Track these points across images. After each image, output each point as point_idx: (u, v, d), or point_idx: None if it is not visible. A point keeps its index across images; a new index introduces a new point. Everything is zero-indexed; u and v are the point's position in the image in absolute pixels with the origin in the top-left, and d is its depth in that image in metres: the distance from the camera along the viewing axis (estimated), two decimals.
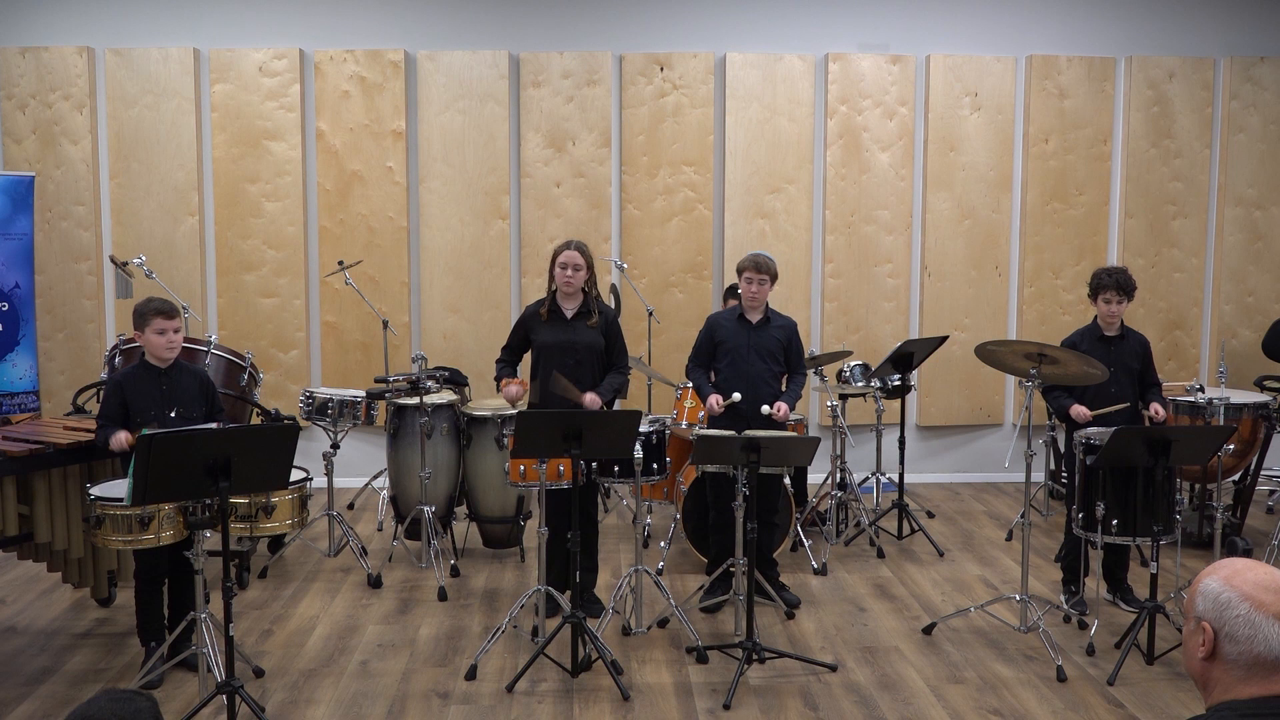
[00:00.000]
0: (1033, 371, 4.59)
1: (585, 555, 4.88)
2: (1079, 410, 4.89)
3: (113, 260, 6.30)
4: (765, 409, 4.87)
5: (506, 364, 5.02)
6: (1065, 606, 4.92)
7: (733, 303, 5.89)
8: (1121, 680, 4.24)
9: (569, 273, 4.81)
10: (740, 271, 5.01)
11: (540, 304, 4.93)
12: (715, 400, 4.89)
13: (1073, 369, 4.61)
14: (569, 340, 4.86)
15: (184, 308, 6.55)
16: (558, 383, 4.71)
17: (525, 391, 4.90)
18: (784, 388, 5.08)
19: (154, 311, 4.20)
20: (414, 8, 7.34)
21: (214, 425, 4.13)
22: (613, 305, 6.75)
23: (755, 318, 5.02)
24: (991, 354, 4.78)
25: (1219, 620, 1.83)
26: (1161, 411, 4.90)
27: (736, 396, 4.87)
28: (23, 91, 7.11)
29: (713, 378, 5.08)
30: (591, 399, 4.76)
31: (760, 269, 4.94)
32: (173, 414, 4.22)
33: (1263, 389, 6.36)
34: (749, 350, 4.96)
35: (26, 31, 7.17)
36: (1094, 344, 5.00)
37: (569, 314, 4.89)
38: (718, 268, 7.47)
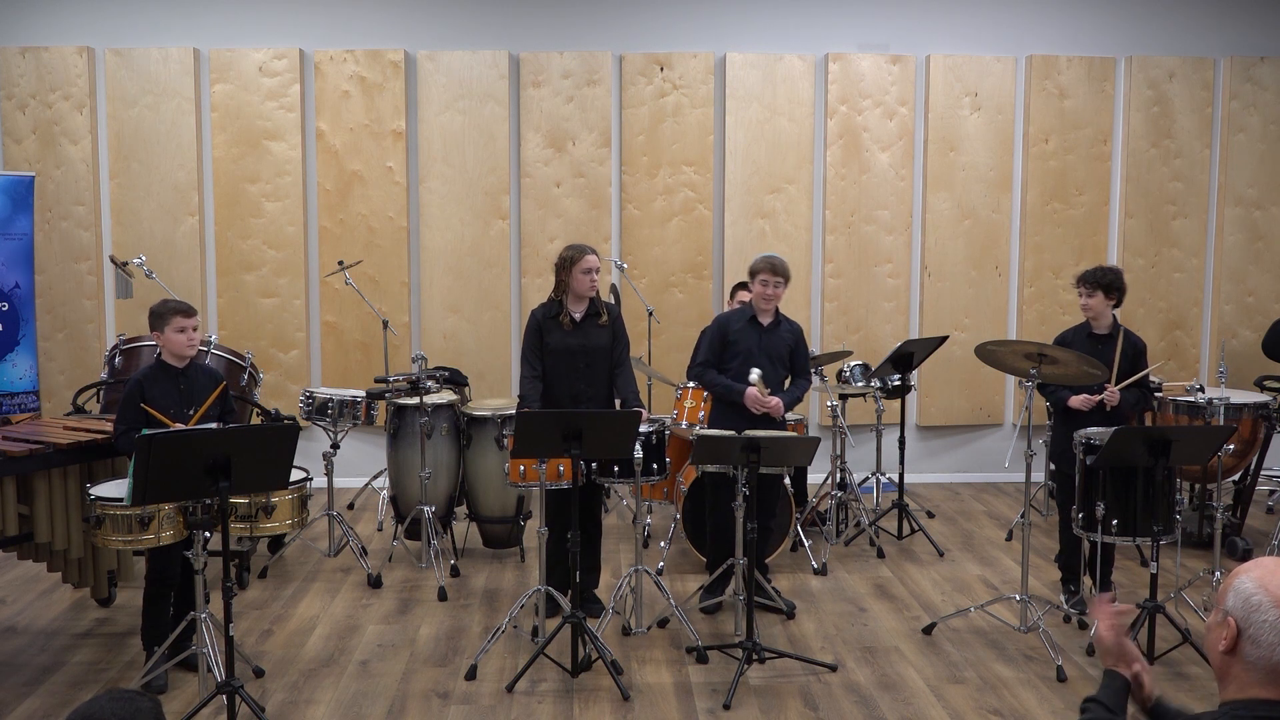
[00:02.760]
0: (1033, 371, 4.59)
1: (588, 555, 4.88)
2: (1081, 399, 4.86)
3: (113, 260, 6.30)
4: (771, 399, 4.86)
5: (540, 381, 4.87)
6: (1065, 606, 4.92)
7: (742, 297, 5.87)
8: None
9: (593, 277, 4.80)
10: (755, 274, 4.92)
11: (552, 309, 4.88)
12: (758, 395, 4.79)
13: (1073, 369, 4.61)
14: (583, 344, 4.84)
15: None
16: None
17: None
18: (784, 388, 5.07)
19: (173, 310, 4.21)
20: (414, 8, 7.34)
21: (213, 425, 4.13)
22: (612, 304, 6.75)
23: (767, 320, 4.98)
24: (991, 354, 4.77)
25: (1246, 620, 1.83)
26: (1114, 392, 4.83)
27: (756, 373, 4.81)
28: (23, 91, 7.11)
29: None
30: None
31: (776, 271, 4.87)
32: (192, 411, 4.23)
33: (1263, 389, 6.36)
34: (760, 353, 4.92)
35: (26, 31, 7.17)
36: (1083, 341, 4.98)
37: (578, 316, 4.88)
38: (718, 268, 7.47)
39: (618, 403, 4.97)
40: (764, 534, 5.06)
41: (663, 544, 5.95)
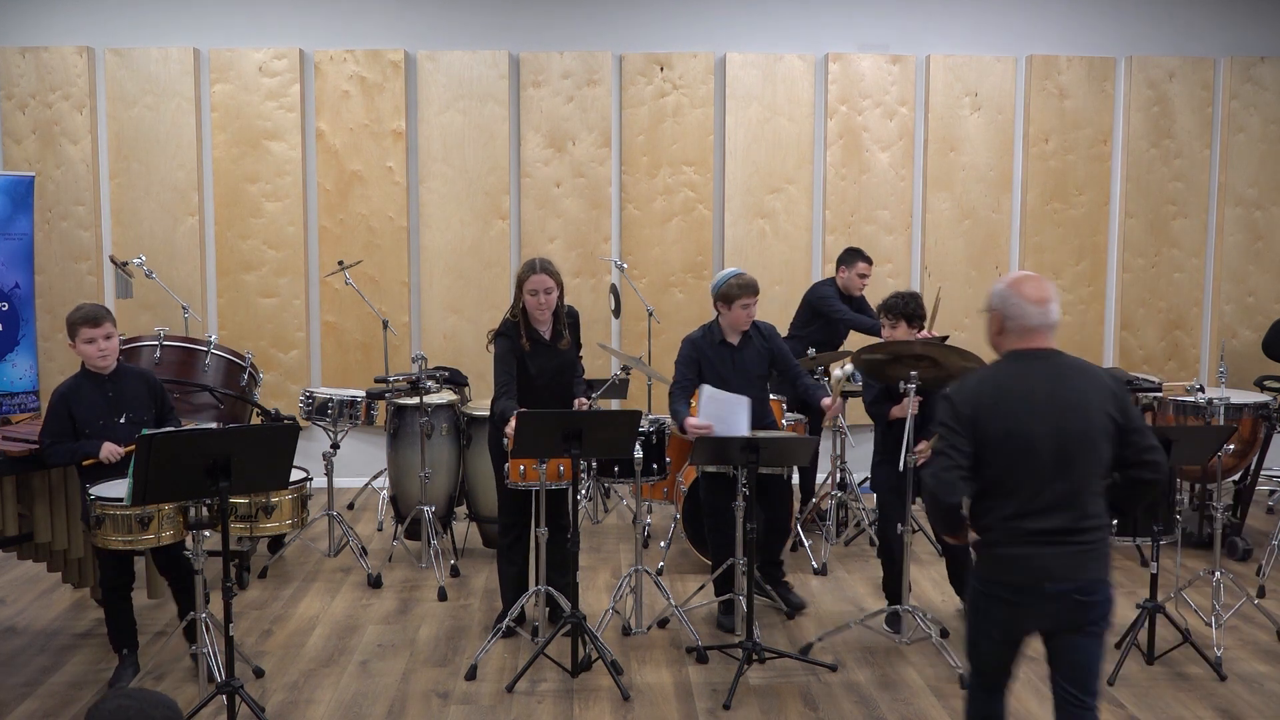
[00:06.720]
0: (914, 374, 4.33)
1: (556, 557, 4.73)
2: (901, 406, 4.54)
3: (113, 260, 6.30)
4: (826, 401, 4.68)
5: (513, 399, 4.54)
6: (896, 638, 4.69)
7: (842, 273, 6.31)
8: (1121, 680, 4.24)
9: (540, 298, 4.45)
10: (732, 300, 4.68)
11: (515, 330, 4.54)
12: (694, 424, 4.60)
13: (952, 365, 4.33)
14: (558, 365, 4.64)
15: (184, 308, 6.59)
16: None
17: None
18: (805, 391, 4.85)
19: (80, 321, 4.09)
20: (414, 8, 7.34)
21: (213, 426, 4.13)
22: (613, 305, 6.75)
23: (736, 340, 4.81)
24: (868, 362, 4.44)
25: (1002, 307, 2.87)
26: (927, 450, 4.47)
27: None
28: (23, 91, 7.11)
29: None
30: None
31: (756, 291, 4.69)
32: (122, 420, 4.17)
33: (1263, 389, 6.36)
34: (734, 374, 4.77)
35: (26, 31, 7.17)
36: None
37: (548, 335, 4.62)
38: (717, 268, 7.46)
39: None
40: (777, 532, 5.01)
41: (663, 544, 5.95)
